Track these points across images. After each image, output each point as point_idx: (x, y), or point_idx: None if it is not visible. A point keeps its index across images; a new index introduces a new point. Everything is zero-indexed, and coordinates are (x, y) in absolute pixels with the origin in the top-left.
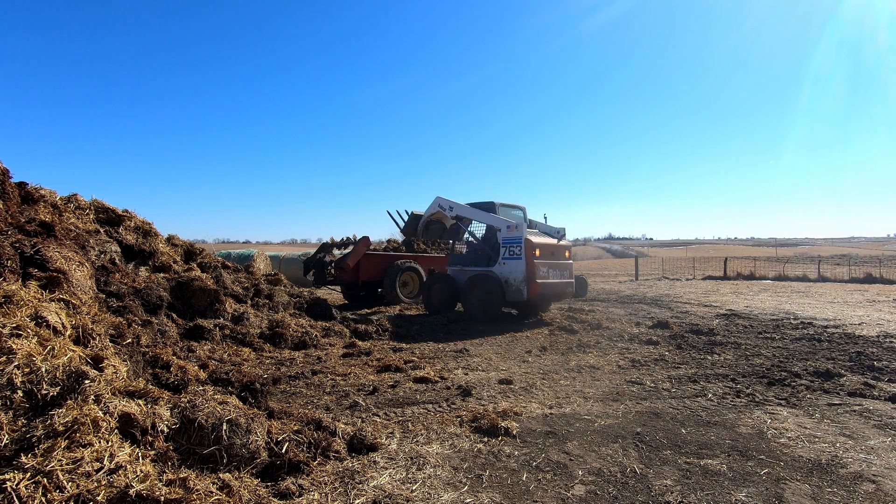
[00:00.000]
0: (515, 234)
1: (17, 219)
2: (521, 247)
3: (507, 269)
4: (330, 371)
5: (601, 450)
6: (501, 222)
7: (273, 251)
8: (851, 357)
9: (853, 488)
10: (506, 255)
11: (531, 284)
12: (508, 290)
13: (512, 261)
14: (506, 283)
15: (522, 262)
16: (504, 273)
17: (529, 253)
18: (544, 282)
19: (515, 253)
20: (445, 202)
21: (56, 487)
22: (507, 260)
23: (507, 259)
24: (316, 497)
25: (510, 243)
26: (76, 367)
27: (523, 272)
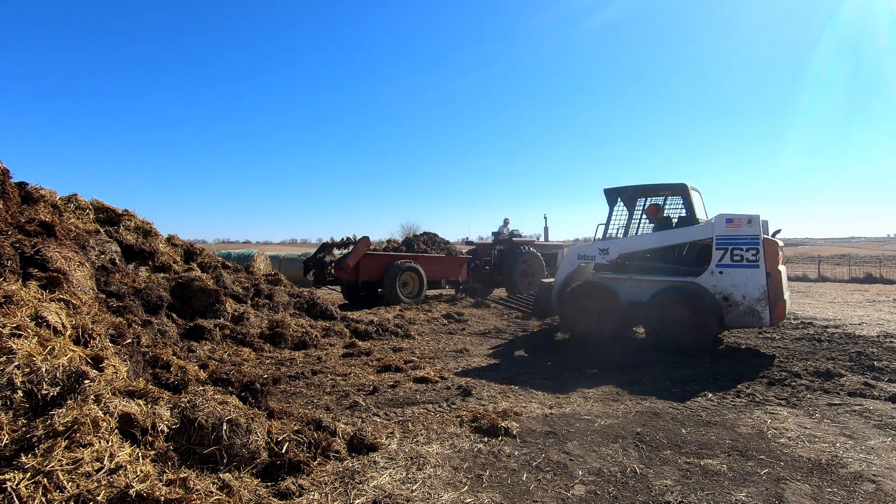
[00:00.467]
0: (747, 230)
1: (17, 219)
2: (759, 250)
3: (731, 280)
4: (330, 371)
5: (601, 450)
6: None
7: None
8: (851, 357)
9: (853, 488)
10: (726, 261)
11: (778, 305)
12: (732, 312)
13: (739, 269)
14: (727, 300)
15: (759, 273)
16: (723, 286)
17: (773, 259)
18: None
19: (746, 258)
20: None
21: (56, 487)
22: (731, 268)
23: (731, 266)
24: (316, 497)
25: (736, 243)
26: (76, 367)
27: (762, 287)
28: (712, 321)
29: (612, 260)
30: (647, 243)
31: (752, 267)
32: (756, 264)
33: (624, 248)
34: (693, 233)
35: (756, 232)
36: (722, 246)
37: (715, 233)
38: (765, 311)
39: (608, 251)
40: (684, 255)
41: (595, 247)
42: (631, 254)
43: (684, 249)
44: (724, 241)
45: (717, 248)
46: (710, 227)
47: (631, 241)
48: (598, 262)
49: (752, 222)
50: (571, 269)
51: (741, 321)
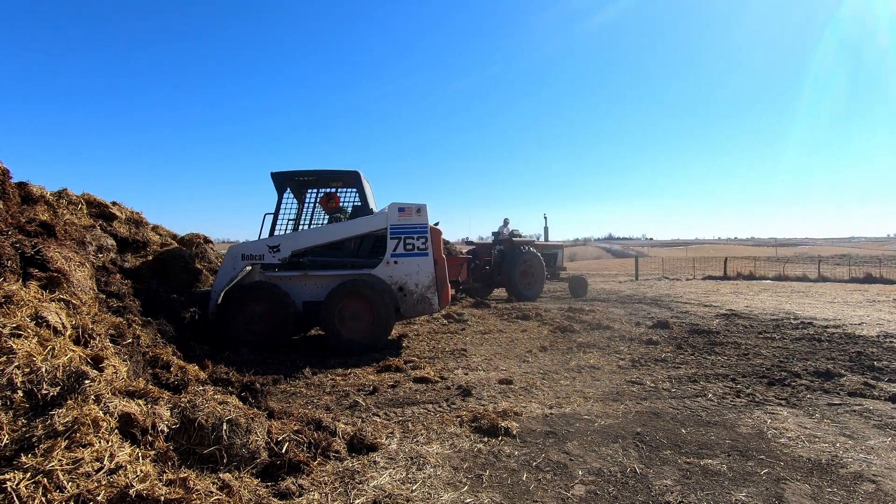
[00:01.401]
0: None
1: (17, 219)
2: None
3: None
4: (330, 371)
5: (601, 450)
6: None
7: None
8: (851, 357)
9: (853, 488)
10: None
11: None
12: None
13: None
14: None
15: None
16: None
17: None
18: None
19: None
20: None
21: (56, 487)
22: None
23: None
24: (316, 497)
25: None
26: (76, 367)
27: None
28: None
29: (283, 258)
30: (322, 237)
31: (423, 255)
32: (426, 252)
33: (297, 243)
34: (370, 223)
35: (425, 220)
36: (396, 235)
37: (389, 222)
38: (434, 297)
39: (279, 248)
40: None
41: (263, 244)
42: (305, 250)
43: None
44: (398, 230)
45: (391, 238)
46: (385, 216)
47: (304, 235)
48: (266, 261)
49: (420, 211)
50: (234, 272)
51: (414, 310)
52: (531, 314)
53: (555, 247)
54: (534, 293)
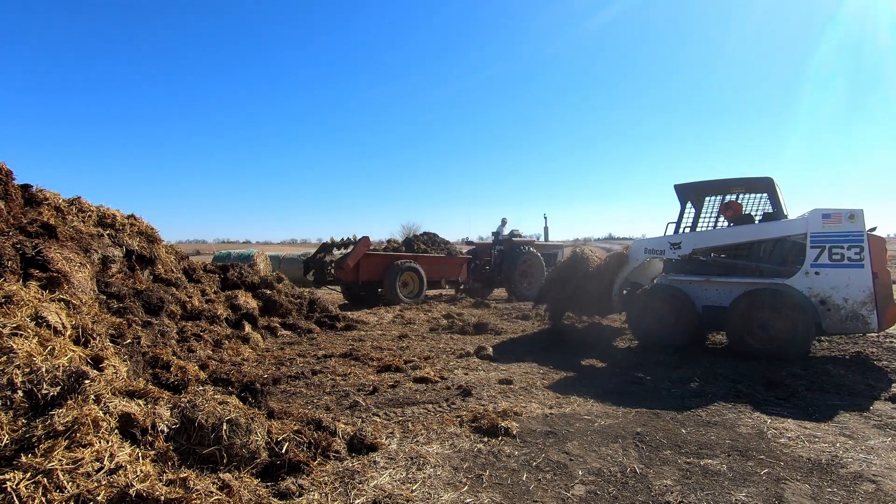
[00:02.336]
0: (847, 226)
1: (19, 220)
2: (863, 248)
3: (829, 281)
4: (330, 371)
5: (601, 450)
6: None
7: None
8: (851, 357)
9: (853, 488)
10: (822, 260)
11: (888, 309)
12: (832, 317)
13: (838, 269)
14: (825, 304)
15: (865, 273)
16: (821, 288)
17: (879, 258)
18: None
19: (848, 257)
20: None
21: (56, 487)
22: (828, 268)
23: (828, 266)
24: (316, 497)
25: (834, 241)
26: (76, 367)
27: (868, 289)
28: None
29: (683, 255)
30: (724, 238)
31: (856, 267)
32: (860, 264)
33: (698, 242)
34: (785, 227)
35: (860, 228)
36: (818, 244)
37: (810, 229)
38: (873, 316)
39: (680, 245)
40: (770, 255)
41: (665, 240)
42: (706, 248)
43: (768, 249)
44: (821, 238)
45: (812, 247)
46: (805, 222)
47: (706, 235)
48: (667, 256)
49: (854, 217)
50: (636, 264)
51: (842, 328)
52: (531, 314)
53: (555, 247)
54: (534, 293)
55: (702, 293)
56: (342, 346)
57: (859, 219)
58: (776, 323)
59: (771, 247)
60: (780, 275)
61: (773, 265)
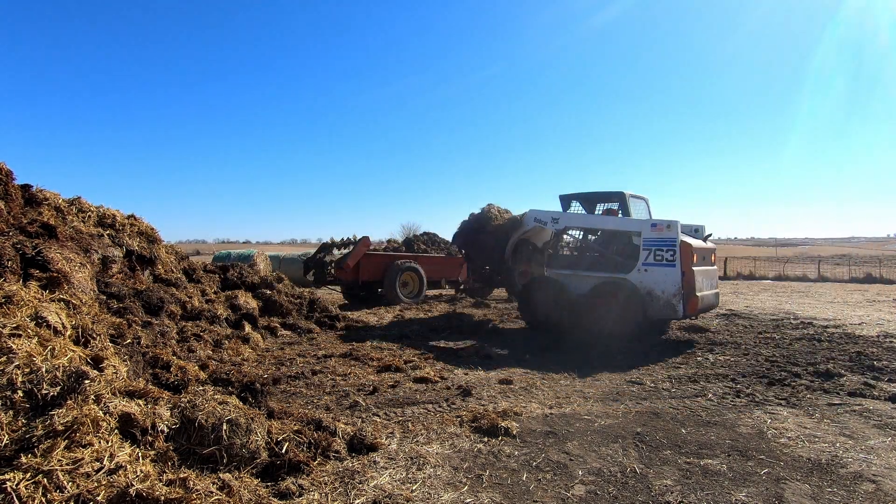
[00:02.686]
0: (666, 234)
1: (19, 220)
2: (676, 251)
3: (653, 277)
4: (330, 371)
5: (601, 450)
6: (641, 225)
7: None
8: (851, 357)
9: (853, 488)
10: (649, 260)
11: (690, 299)
12: (653, 305)
13: (659, 267)
14: (650, 295)
15: (676, 271)
16: (647, 282)
17: (687, 259)
18: (702, 294)
19: (666, 258)
20: (544, 214)
21: (56, 487)
22: (653, 266)
23: (653, 265)
24: (316, 497)
25: (658, 245)
26: (76, 367)
27: (677, 283)
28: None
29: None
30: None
31: (670, 266)
32: (673, 264)
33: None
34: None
35: (674, 236)
36: (647, 247)
37: (643, 235)
38: (680, 305)
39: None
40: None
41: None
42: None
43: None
44: (650, 243)
45: (644, 249)
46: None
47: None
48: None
49: (671, 227)
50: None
51: (660, 313)
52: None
53: None
54: None
55: (571, 283)
56: (342, 346)
57: (675, 228)
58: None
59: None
60: (622, 270)
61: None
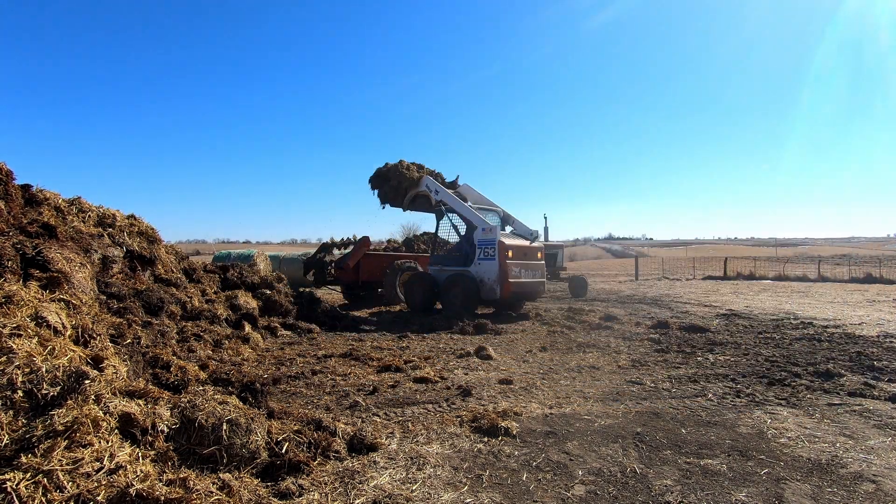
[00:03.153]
0: (490, 236)
1: (19, 220)
2: (495, 248)
3: (483, 269)
4: (330, 371)
5: (601, 450)
6: (480, 221)
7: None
8: (851, 357)
9: (853, 488)
10: (481, 256)
11: (504, 284)
12: (483, 289)
13: (487, 261)
14: (481, 282)
15: (496, 263)
16: (480, 273)
17: (502, 255)
18: (517, 281)
19: (490, 254)
20: (433, 184)
21: (56, 487)
22: (483, 260)
23: (483, 259)
24: (316, 497)
25: (485, 245)
26: (76, 367)
27: (496, 272)
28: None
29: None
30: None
31: (492, 260)
32: (493, 258)
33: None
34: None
35: (495, 237)
36: (480, 246)
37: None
38: (498, 288)
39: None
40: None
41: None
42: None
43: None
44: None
45: (478, 248)
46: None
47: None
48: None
49: (492, 230)
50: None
51: (488, 296)
52: (531, 314)
53: (555, 247)
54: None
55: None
56: (342, 346)
57: (495, 231)
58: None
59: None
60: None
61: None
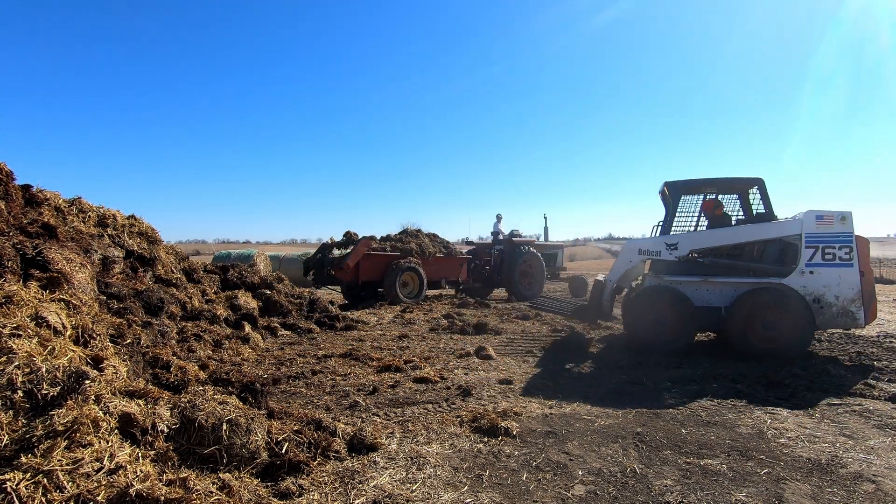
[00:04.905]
0: (838, 228)
1: (19, 220)
2: (853, 249)
3: (823, 280)
4: (330, 371)
5: (601, 450)
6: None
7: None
8: (851, 357)
9: (853, 488)
10: (817, 260)
11: (872, 306)
12: (824, 314)
13: (833, 269)
14: (817, 302)
15: (854, 272)
16: (814, 287)
17: (865, 257)
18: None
19: (841, 257)
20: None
21: (56, 487)
22: (822, 267)
23: (821, 266)
24: (316, 497)
25: (828, 242)
26: (76, 367)
27: (858, 287)
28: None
29: (681, 256)
30: (723, 238)
31: (846, 266)
32: (850, 263)
33: (696, 242)
34: (782, 228)
35: (850, 229)
36: (812, 244)
37: (804, 230)
38: (861, 313)
39: (677, 246)
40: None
41: (661, 241)
42: (704, 249)
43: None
44: (815, 239)
45: (806, 247)
46: (800, 223)
47: (704, 235)
48: (664, 258)
49: (845, 219)
50: (630, 266)
51: (834, 324)
52: (531, 314)
53: (555, 247)
54: (534, 293)
55: (698, 294)
56: (342, 346)
57: (849, 220)
58: (779, 322)
59: (762, 247)
60: (776, 274)
61: (767, 265)
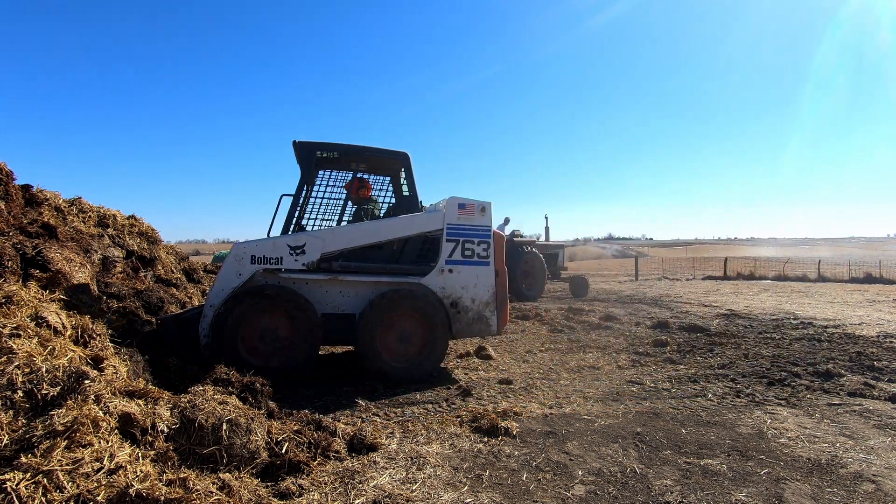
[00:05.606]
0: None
1: (19, 220)
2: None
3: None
4: (330, 371)
5: (601, 450)
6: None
7: None
8: (851, 357)
9: (853, 488)
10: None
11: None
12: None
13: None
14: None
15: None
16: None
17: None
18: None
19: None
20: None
21: (56, 487)
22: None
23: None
24: (316, 497)
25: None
26: (76, 367)
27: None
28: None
29: (310, 262)
30: (365, 237)
31: (483, 264)
32: (487, 261)
33: (329, 244)
34: (426, 221)
35: (489, 222)
36: (453, 237)
37: (446, 221)
38: (493, 316)
39: (304, 250)
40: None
41: (283, 244)
42: (340, 252)
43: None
44: (457, 231)
45: (447, 240)
46: (442, 214)
47: (339, 234)
48: (287, 266)
49: (484, 210)
50: (239, 281)
51: (468, 330)
52: (531, 314)
53: (556, 247)
54: (534, 293)
55: (324, 297)
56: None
57: (489, 212)
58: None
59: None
60: (415, 273)
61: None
